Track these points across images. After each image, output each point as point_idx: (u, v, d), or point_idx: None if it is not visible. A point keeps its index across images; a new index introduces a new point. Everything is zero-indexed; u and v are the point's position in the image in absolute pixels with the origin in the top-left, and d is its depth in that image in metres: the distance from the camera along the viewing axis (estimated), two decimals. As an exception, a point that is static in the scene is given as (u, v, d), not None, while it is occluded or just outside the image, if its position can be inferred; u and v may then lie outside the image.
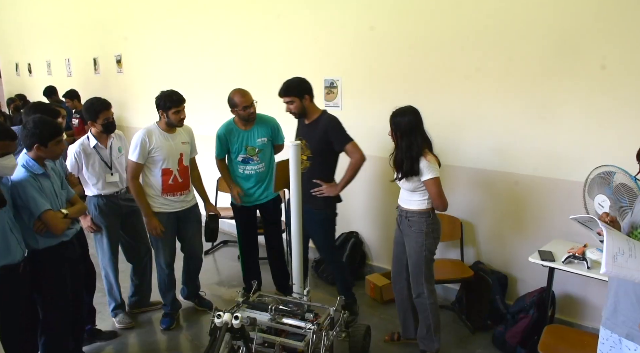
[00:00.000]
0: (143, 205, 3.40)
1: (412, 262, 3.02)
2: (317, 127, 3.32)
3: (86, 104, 3.37)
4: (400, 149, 2.87)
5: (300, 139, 3.36)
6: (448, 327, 3.54)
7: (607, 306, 2.04)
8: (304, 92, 3.29)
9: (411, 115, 2.87)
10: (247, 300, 2.99)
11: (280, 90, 3.28)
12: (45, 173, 2.66)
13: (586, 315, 3.27)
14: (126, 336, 3.54)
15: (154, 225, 3.40)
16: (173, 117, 3.34)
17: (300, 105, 3.29)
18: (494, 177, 3.50)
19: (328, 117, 3.35)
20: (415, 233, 2.95)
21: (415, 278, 3.04)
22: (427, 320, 3.08)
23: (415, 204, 2.95)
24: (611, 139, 2.94)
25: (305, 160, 3.34)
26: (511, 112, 3.33)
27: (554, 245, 3.08)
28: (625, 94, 2.86)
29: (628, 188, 2.59)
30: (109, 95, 3.64)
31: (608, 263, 1.69)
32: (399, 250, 3.13)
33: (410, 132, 2.85)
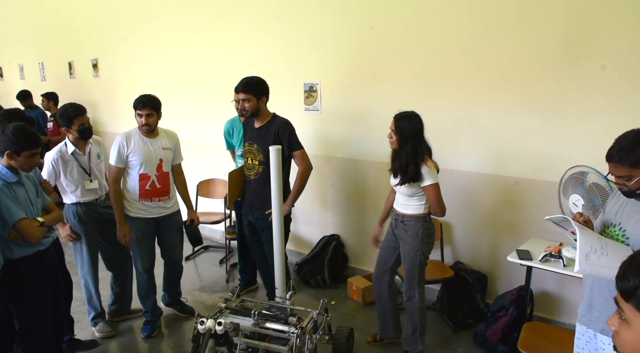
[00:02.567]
0: (118, 211, 3.37)
1: (407, 266, 3.03)
2: (269, 130, 3.26)
3: (60, 109, 3.31)
4: (406, 153, 2.86)
5: (250, 143, 3.33)
6: (430, 327, 3.57)
7: (582, 303, 2.10)
8: (263, 92, 3.25)
9: (417, 121, 2.88)
10: (229, 306, 2.98)
11: (239, 85, 3.20)
12: (19, 181, 2.60)
13: (563, 311, 3.34)
14: (107, 345, 3.49)
15: (123, 233, 3.37)
16: (136, 119, 3.33)
17: (256, 105, 3.23)
18: (473, 178, 3.56)
19: (281, 120, 3.32)
20: (411, 237, 2.97)
21: (408, 282, 3.06)
22: (415, 322, 3.11)
23: (412, 209, 2.97)
24: (585, 139, 3.01)
25: (257, 165, 3.31)
26: (488, 115, 3.38)
27: (532, 244, 3.15)
28: (597, 95, 2.94)
29: (600, 187, 2.67)
30: (86, 100, 3.60)
31: (581, 261, 1.74)
32: (387, 254, 3.15)
33: (415, 137, 2.86)
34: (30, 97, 7.19)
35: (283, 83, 3.95)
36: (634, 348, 1.03)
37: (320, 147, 4.29)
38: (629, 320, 1.04)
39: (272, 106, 4.08)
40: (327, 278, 4.25)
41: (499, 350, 3.15)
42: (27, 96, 7.18)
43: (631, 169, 1.78)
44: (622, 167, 1.79)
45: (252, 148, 3.32)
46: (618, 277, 1.07)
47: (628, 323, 1.04)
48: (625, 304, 1.04)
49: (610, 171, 1.87)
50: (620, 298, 1.06)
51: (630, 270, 1.04)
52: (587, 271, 1.76)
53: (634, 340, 1.03)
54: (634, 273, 1.03)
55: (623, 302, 1.05)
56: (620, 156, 1.79)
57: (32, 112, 6.71)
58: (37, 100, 7.10)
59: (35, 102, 7.18)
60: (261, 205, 3.28)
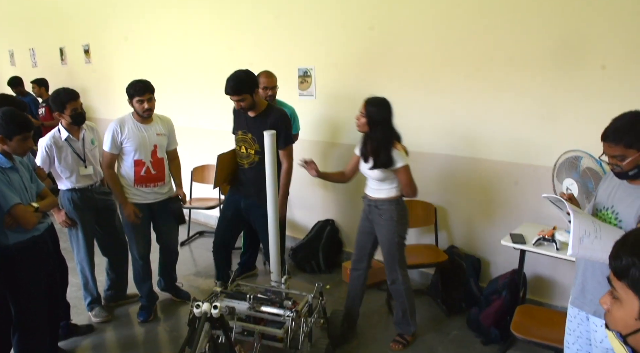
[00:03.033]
0: (117, 193, 3.36)
1: (386, 251, 3.06)
2: (267, 120, 3.21)
3: (53, 94, 3.28)
4: (376, 138, 2.89)
5: (244, 131, 3.30)
6: (424, 311, 3.62)
7: (575, 286, 2.12)
8: (254, 86, 3.20)
9: (386, 107, 2.90)
10: (225, 290, 2.99)
11: (229, 88, 3.11)
12: (13, 166, 2.58)
13: (555, 295, 3.38)
14: (103, 330, 3.51)
15: (129, 212, 3.36)
16: (137, 106, 3.30)
17: (252, 101, 3.18)
18: (467, 163, 3.57)
19: (281, 112, 3.29)
20: (386, 221, 3.00)
21: (389, 266, 3.09)
22: (403, 304, 3.15)
23: (384, 193, 2.99)
24: (579, 124, 3.02)
25: (254, 154, 3.29)
26: (482, 100, 3.38)
27: (525, 228, 3.17)
28: (590, 80, 2.94)
29: (594, 172, 2.69)
30: (78, 86, 3.56)
31: (574, 245, 1.75)
32: (364, 239, 3.18)
33: (385, 123, 2.88)
34: (22, 84, 7.12)
35: (277, 68, 3.93)
36: (625, 325, 1.05)
37: (314, 133, 4.29)
38: (621, 298, 1.06)
39: (266, 91, 4.08)
40: (322, 264, 4.27)
41: (491, 333, 3.18)
42: (18, 82, 7.11)
43: (625, 149, 1.80)
44: (617, 146, 1.81)
45: (247, 137, 3.29)
46: (611, 256, 1.08)
47: (620, 301, 1.06)
48: (617, 283, 1.06)
49: (604, 151, 1.88)
50: (613, 277, 1.07)
51: (624, 250, 1.06)
52: (580, 254, 1.77)
53: (625, 317, 1.05)
54: (627, 253, 1.04)
55: (616, 281, 1.07)
56: (615, 136, 1.82)
57: (24, 98, 6.65)
58: (27, 86, 7.03)
59: (26, 88, 7.10)
60: (257, 194, 3.24)
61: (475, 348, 3.17)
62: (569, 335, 2.24)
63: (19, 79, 7.14)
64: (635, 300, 1.03)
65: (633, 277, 1.02)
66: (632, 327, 1.04)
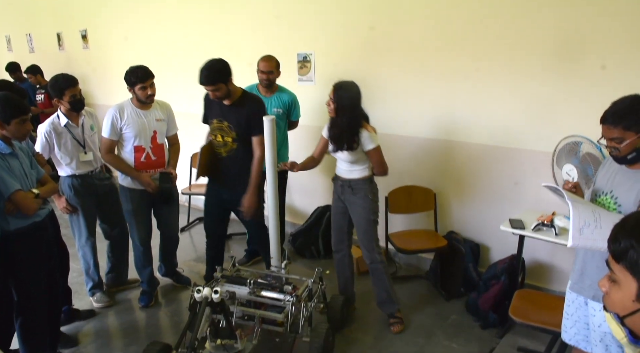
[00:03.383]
0: (126, 171, 3.34)
1: (363, 230, 3.10)
2: (243, 107, 3.16)
3: (51, 80, 3.26)
4: (341, 124, 2.90)
5: (220, 120, 3.23)
6: (423, 296, 3.65)
7: (574, 271, 2.14)
8: (228, 74, 3.12)
9: (355, 90, 2.91)
10: (225, 275, 3.01)
11: (203, 78, 3.03)
12: (12, 152, 2.58)
13: (554, 280, 3.40)
14: (105, 315, 3.54)
15: (147, 181, 3.34)
16: (139, 93, 3.27)
17: (227, 90, 3.11)
18: (467, 149, 3.57)
19: (257, 99, 3.25)
20: (361, 199, 3.05)
21: (367, 246, 3.13)
22: (385, 283, 3.19)
23: (357, 173, 3.04)
24: (580, 110, 3.02)
25: (231, 142, 3.23)
26: (483, 85, 3.37)
27: (524, 214, 3.18)
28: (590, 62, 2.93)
29: (594, 157, 2.69)
30: (76, 72, 3.52)
31: (575, 237, 1.75)
32: (339, 220, 3.23)
33: (352, 108, 2.90)
34: (19, 69, 7.07)
35: (276, 53, 3.90)
36: (623, 307, 1.07)
37: (314, 118, 4.27)
38: (619, 280, 1.07)
39: (266, 77, 4.06)
40: (321, 249, 4.29)
41: (490, 317, 3.21)
42: (16, 68, 7.06)
43: (623, 131, 1.81)
44: (615, 128, 1.82)
45: (223, 125, 3.22)
46: (610, 239, 1.09)
47: (618, 284, 1.07)
48: (616, 265, 1.07)
49: (602, 134, 1.89)
50: (612, 259, 1.08)
51: (622, 233, 1.06)
52: (580, 245, 1.77)
53: (623, 299, 1.06)
54: (626, 235, 1.05)
55: (614, 264, 1.08)
56: (614, 118, 1.82)
57: (22, 84, 6.61)
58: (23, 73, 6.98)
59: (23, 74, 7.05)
60: (238, 184, 3.19)
61: (473, 332, 3.20)
62: (566, 320, 2.26)
63: (17, 65, 7.09)
64: (633, 282, 1.04)
65: (631, 259, 1.03)
66: (629, 308, 1.05)
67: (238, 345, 2.69)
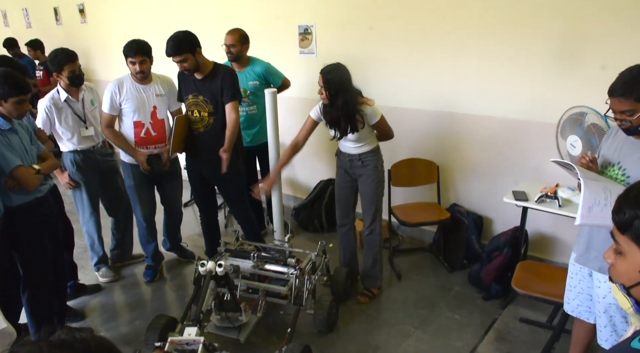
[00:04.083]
0: (123, 147, 3.33)
1: (370, 201, 3.11)
2: (215, 80, 3.14)
3: (50, 55, 3.22)
4: (336, 107, 2.85)
5: (195, 95, 3.21)
6: (426, 268, 3.67)
7: (579, 244, 2.13)
8: (196, 45, 3.08)
9: (342, 71, 2.86)
10: (229, 249, 3.03)
11: (169, 49, 3.00)
12: (12, 128, 2.56)
13: (556, 251, 3.41)
14: (111, 289, 3.58)
15: (141, 161, 3.32)
16: (130, 68, 3.24)
17: (195, 61, 3.08)
18: (470, 120, 3.53)
19: (227, 69, 3.21)
20: (371, 171, 3.05)
21: (371, 216, 3.14)
22: (376, 255, 3.22)
23: (366, 147, 3.02)
24: (585, 81, 2.97)
25: (207, 117, 3.21)
26: (486, 56, 3.31)
27: (528, 185, 3.16)
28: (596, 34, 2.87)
29: (599, 128, 2.66)
30: (76, 48, 3.47)
31: (583, 215, 1.72)
32: (346, 193, 3.21)
33: (344, 89, 2.84)
34: (17, 45, 6.98)
35: (276, 26, 3.84)
36: (628, 278, 1.06)
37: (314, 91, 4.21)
38: (624, 251, 1.06)
39: (265, 50, 4.01)
40: (324, 223, 4.31)
41: (492, 288, 3.24)
42: (13, 44, 6.97)
43: (636, 103, 1.75)
44: (627, 101, 1.76)
45: (198, 100, 3.20)
46: (614, 210, 1.08)
47: (623, 255, 1.07)
48: (621, 237, 1.06)
49: (611, 107, 1.84)
50: (617, 231, 1.07)
51: (627, 203, 1.05)
52: (587, 223, 1.74)
53: (629, 270, 1.05)
54: (630, 206, 1.03)
55: (619, 235, 1.07)
56: (625, 90, 1.76)
57: (20, 60, 6.53)
58: (23, 48, 6.89)
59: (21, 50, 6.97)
60: (216, 159, 3.15)
61: (476, 303, 3.23)
62: (569, 291, 2.27)
63: (14, 41, 7.00)
64: (639, 253, 1.03)
65: (636, 229, 1.02)
66: (635, 279, 1.05)
67: (243, 317, 2.73)
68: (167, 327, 2.64)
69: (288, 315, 2.97)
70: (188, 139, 3.34)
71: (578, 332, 2.35)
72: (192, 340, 2.27)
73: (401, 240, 4.06)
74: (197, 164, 3.40)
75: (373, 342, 2.90)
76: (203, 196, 3.59)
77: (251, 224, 3.58)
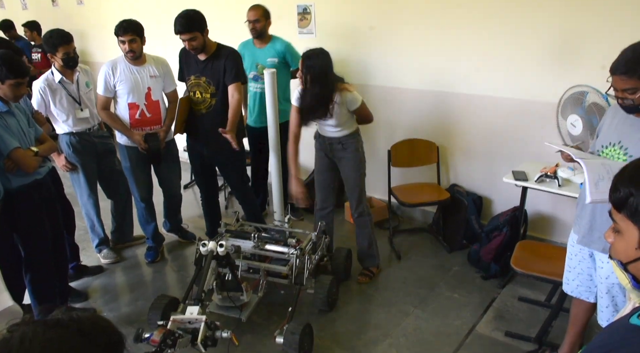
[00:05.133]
0: (119, 128, 3.32)
1: (353, 183, 3.11)
2: (218, 61, 3.13)
3: (45, 35, 3.20)
4: (312, 94, 2.83)
5: (197, 76, 3.20)
6: (425, 248, 3.69)
7: (580, 225, 2.12)
8: (205, 25, 3.07)
9: (323, 58, 2.82)
10: (229, 230, 3.05)
11: (179, 26, 2.99)
12: (9, 110, 2.54)
13: (556, 231, 3.43)
14: (112, 270, 3.60)
15: (137, 141, 3.31)
16: (121, 47, 3.21)
17: (202, 40, 3.06)
18: (470, 100, 3.51)
19: (231, 50, 3.19)
20: (352, 153, 3.05)
21: (357, 199, 3.15)
22: (370, 236, 3.24)
23: (346, 131, 3.01)
24: (584, 60, 2.95)
25: (209, 98, 3.20)
26: (485, 35, 3.28)
27: (527, 165, 3.17)
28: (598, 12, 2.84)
29: (600, 107, 2.65)
30: (72, 29, 3.43)
31: (592, 192, 1.73)
32: (327, 177, 3.21)
33: (323, 77, 2.81)
34: (13, 27, 6.89)
35: (275, 5, 3.79)
36: (626, 255, 1.08)
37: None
38: (621, 229, 1.07)
39: (264, 30, 3.95)
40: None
41: (492, 268, 3.26)
42: (9, 26, 6.88)
43: (638, 81, 1.73)
44: (630, 79, 1.74)
45: (200, 81, 3.19)
46: (610, 189, 1.08)
47: (621, 233, 1.08)
48: (617, 215, 1.07)
49: (612, 84, 1.82)
50: (614, 209, 1.08)
51: (621, 181, 1.06)
52: (599, 199, 1.74)
53: (626, 247, 1.07)
54: (625, 184, 1.05)
55: (616, 214, 1.08)
56: (628, 68, 1.74)
57: (17, 42, 6.47)
58: (19, 30, 6.82)
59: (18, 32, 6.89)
60: (218, 140, 3.14)
61: (475, 283, 3.26)
62: (569, 272, 2.28)
63: (10, 23, 6.91)
64: (635, 230, 1.04)
65: (631, 206, 1.03)
66: (632, 256, 1.06)
67: (244, 297, 2.76)
68: (170, 307, 2.67)
69: (289, 294, 3.00)
70: (189, 120, 3.32)
71: (577, 311, 2.37)
72: (194, 318, 2.30)
73: (401, 221, 4.08)
74: (198, 145, 3.40)
75: (373, 321, 2.94)
76: (204, 177, 3.60)
77: (252, 205, 3.59)
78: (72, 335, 0.76)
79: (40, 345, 0.73)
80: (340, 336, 2.81)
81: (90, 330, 0.78)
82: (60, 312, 0.81)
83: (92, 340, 0.77)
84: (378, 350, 2.70)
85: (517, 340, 2.72)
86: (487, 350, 2.68)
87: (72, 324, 0.77)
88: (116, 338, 0.82)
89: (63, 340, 0.75)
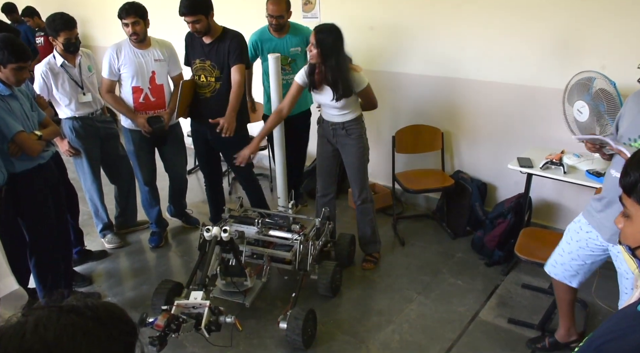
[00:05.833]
0: (123, 111, 3.31)
1: (356, 169, 3.08)
2: (222, 45, 3.10)
3: (48, 19, 3.16)
4: (332, 69, 2.76)
5: (202, 59, 3.17)
6: (429, 235, 3.69)
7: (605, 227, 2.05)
8: (210, 8, 3.04)
9: (337, 33, 2.77)
10: (233, 215, 3.05)
11: (183, 8, 2.95)
12: (12, 94, 2.54)
13: (560, 218, 3.41)
14: (117, 255, 3.62)
15: (142, 123, 3.29)
16: (124, 30, 3.19)
17: (207, 23, 3.03)
18: (475, 86, 3.48)
19: (236, 34, 3.16)
20: (355, 139, 3.01)
21: (360, 185, 3.13)
22: (372, 222, 3.23)
23: (350, 115, 2.98)
24: (591, 45, 2.91)
25: (214, 82, 3.18)
26: (491, 20, 3.23)
27: (533, 152, 3.14)
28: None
29: (607, 93, 2.61)
30: (72, 13, 3.39)
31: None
32: (330, 164, 3.19)
33: (338, 51, 2.77)
34: (16, 10, 6.84)
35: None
36: (634, 240, 1.08)
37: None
38: (631, 214, 1.07)
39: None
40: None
41: (495, 255, 3.26)
42: (12, 9, 6.83)
43: None
44: None
45: (205, 64, 3.17)
46: (621, 175, 1.08)
47: (630, 218, 1.07)
48: (627, 200, 1.07)
49: None
50: (624, 194, 1.08)
51: (632, 166, 1.07)
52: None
53: (634, 232, 1.07)
54: (635, 169, 1.05)
55: (626, 198, 1.08)
56: None
57: (20, 27, 6.43)
58: (21, 15, 6.77)
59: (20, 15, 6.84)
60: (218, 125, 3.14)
61: (479, 269, 3.26)
62: (560, 256, 2.30)
63: (13, 5, 6.85)
64: None
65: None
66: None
67: (248, 282, 2.76)
68: (173, 292, 2.68)
69: (292, 280, 3.00)
70: (194, 103, 3.31)
71: (559, 291, 2.41)
72: (198, 303, 2.31)
73: (405, 207, 4.07)
74: (202, 129, 3.38)
75: (376, 307, 2.95)
76: (208, 162, 3.59)
77: (256, 191, 3.58)
78: (87, 322, 0.75)
79: (54, 331, 0.73)
80: (344, 322, 2.82)
81: (106, 319, 0.78)
82: (75, 298, 0.80)
83: (106, 328, 0.77)
84: (381, 336, 2.71)
85: (520, 326, 2.73)
86: (490, 336, 2.69)
87: (87, 311, 0.77)
88: (130, 329, 0.82)
89: (78, 327, 0.74)
